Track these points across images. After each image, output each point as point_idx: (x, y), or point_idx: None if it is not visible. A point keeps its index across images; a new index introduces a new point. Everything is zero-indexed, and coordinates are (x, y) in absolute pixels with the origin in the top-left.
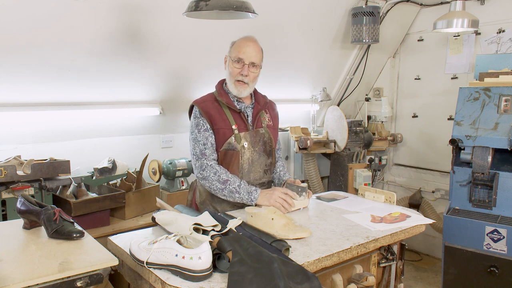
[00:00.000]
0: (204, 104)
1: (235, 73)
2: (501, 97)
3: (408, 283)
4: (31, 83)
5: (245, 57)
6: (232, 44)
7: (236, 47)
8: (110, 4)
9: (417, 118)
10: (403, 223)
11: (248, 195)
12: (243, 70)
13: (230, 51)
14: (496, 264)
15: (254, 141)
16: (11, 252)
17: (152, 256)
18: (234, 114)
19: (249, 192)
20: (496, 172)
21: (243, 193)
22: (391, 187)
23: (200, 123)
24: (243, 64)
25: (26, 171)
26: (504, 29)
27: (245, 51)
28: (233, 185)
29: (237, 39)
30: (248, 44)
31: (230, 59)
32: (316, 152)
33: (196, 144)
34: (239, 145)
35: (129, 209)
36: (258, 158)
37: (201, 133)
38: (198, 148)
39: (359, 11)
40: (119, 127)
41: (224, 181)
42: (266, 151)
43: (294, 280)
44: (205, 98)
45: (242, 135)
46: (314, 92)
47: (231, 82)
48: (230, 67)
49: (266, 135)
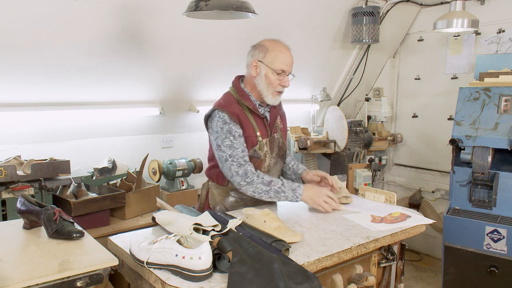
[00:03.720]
0: (231, 108)
1: (276, 84)
2: (501, 97)
3: (408, 283)
4: (31, 83)
5: (288, 69)
6: (265, 50)
7: (278, 58)
8: (110, 4)
9: (417, 118)
10: (403, 223)
11: (292, 192)
12: (284, 81)
13: (265, 58)
14: (496, 264)
15: (272, 147)
16: (11, 252)
17: (152, 256)
18: (256, 119)
19: (293, 189)
20: (496, 172)
21: (287, 191)
22: (391, 187)
23: (233, 128)
24: (284, 76)
25: (26, 171)
26: (504, 29)
27: (288, 62)
28: (278, 185)
29: (269, 44)
30: (289, 53)
31: (270, 70)
32: (316, 152)
33: (234, 152)
34: (262, 153)
35: (129, 209)
36: (275, 164)
37: (237, 139)
38: (237, 155)
39: (359, 11)
40: (119, 127)
41: (269, 182)
42: (280, 156)
43: (294, 280)
44: (228, 101)
45: (264, 142)
46: (314, 92)
47: (269, 92)
48: (270, 77)
49: (280, 140)
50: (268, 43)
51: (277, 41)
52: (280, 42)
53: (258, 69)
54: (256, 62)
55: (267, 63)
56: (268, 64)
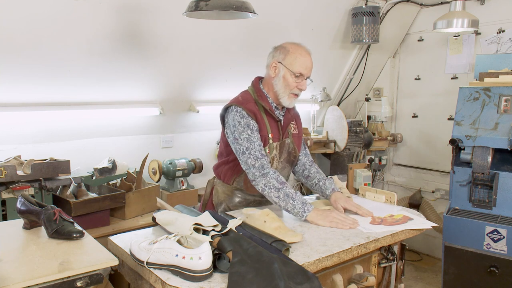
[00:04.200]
0: (249, 105)
1: (293, 87)
2: (501, 97)
3: (408, 283)
4: (31, 83)
5: (307, 72)
6: (286, 52)
7: (298, 61)
8: (110, 4)
9: (417, 118)
10: (402, 225)
11: (302, 205)
12: (302, 85)
13: (285, 59)
14: (496, 264)
15: (281, 152)
16: (11, 252)
17: (152, 256)
18: (271, 121)
19: (304, 203)
20: (496, 172)
21: (297, 201)
22: (391, 187)
23: (251, 123)
24: (302, 79)
25: (26, 171)
26: (504, 29)
27: (307, 66)
28: (290, 190)
29: (291, 47)
30: (309, 58)
31: (288, 71)
32: (316, 152)
33: (252, 145)
34: (270, 156)
35: (129, 209)
36: (283, 169)
37: (254, 133)
38: (254, 148)
39: (359, 11)
40: (119, 127)
41: (282, 182)
42: (290, 161)
43: (294, 280)
44: (246, 99)
45: (274, 145)
46: (314, 92)
47: (285, 93)
48: (288, 79)
49: (291, 145)
50: (290, 45)
51: (298, 44)
52: (302, 45)
53: (277, 70)
54: (276, 63)
55: (287, 64)
56: (287, 65)
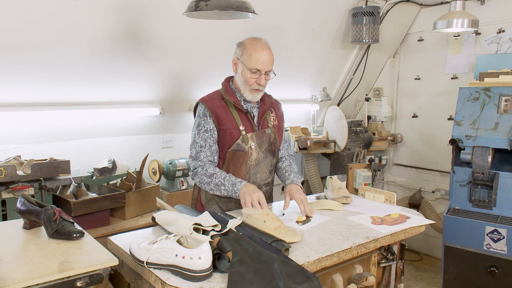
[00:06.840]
0: (211, 102)
1: (251, 83)
2: (501, 97)
3: (408, 283)
4: (31, 83)
5: (263, 67)
6: (243, 48)
7: (253, 57)
8: (110, 4)
9: (417, 118)
10: (403, 225)
11: (232, 186)
12: (260, 80)
13: (242, 56)
14: (496, 264)
15: (261, 142)
16: (11, 252)
17: (152, 256)
18: (240, 114)
19: (233, 183)
20: (496, 172)
21: (227, 184)
22: (391, 187)
23: (201, 123)
24: (260, 74)
25: (26, 171)
26: (504, 29)
27: (263, 61)
28: (219, 178)
29: (248, 43)
30: (264, 53)
31: (245, 68)
32: (316, 152)
33: (193, 146)
34: (246, 146)
35: (129, 209)
36: (264, 159)
37: (200, 134)
38: (194, 149)
39: (359, 11)
40: (119, 127)
41: (211, 174)
42: (271, 151)
43: (294, 280)
44: (212, 96)
45: (249, 136)
46: (314, 92)
47: (246, 89)
48: (245, 76)
49: (272, 135)
50: (248, 41)
51: (256, 39)
52: (259, 40)
53: (237, 67)
54: (236, 59)
55: (243, 61)
56: (244, 62)
